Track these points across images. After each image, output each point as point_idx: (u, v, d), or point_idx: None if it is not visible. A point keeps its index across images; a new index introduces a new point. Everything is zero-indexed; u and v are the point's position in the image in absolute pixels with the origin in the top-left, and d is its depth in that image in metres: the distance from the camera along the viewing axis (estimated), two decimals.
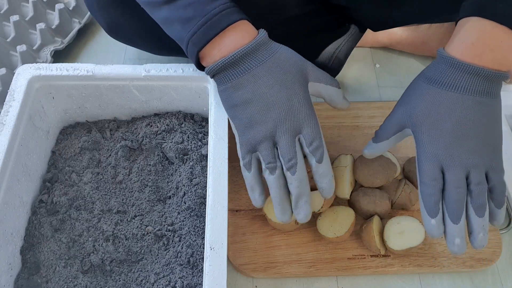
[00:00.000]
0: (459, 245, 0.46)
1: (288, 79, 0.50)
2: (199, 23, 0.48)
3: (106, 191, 0.61)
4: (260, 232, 0.62)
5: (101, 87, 0.62)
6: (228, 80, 0.50)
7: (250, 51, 0.48)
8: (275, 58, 0.49)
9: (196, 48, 0.49)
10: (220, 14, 0.47)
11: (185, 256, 0.56)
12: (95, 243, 0.57)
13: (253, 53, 0.49)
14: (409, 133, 0.51)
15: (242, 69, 0.49)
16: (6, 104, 0.56)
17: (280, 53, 0.50)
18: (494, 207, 0.47)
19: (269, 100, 0.49)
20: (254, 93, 0.49)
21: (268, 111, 0.49)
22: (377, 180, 0.62)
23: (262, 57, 0.49)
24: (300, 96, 0.50)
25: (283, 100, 0.49)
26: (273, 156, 0.49)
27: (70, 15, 0.87)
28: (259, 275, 0.59)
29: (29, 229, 0.58)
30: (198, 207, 0.60)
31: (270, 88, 0.49)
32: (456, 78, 0.47)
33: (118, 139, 0.65)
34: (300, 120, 0.49)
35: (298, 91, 0.50)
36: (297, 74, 0.50)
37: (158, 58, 0.81)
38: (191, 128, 0.66)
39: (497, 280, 0.61)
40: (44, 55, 0.82)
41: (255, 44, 0.49)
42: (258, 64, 0.49)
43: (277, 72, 0.49)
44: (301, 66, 0.51)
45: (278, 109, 0.49)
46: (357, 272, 0.60)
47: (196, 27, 0.48)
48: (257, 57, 0.49)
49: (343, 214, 0.60)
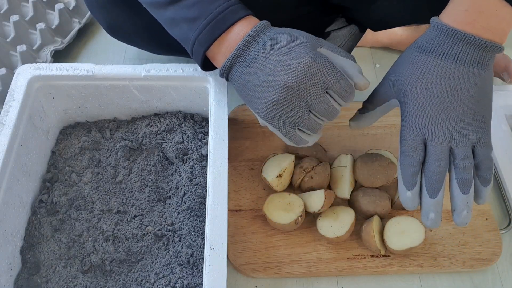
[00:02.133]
0: (433, 219, 0.45)
1: (295, 45, 0.46)
2: (204, 22, 0.47)
3: (106, 191, 0.61)
4: (260, 232, 0.62)
5: (101, 87, 0.62)
6: (240, 74, 0.48)
7: (253, 37, 0.46)
8: (278, 34, 0.47)
9: (202, 48, 0.48)
10: (225, 12, 0.47)
11: (185, 256, 0.56)
12: (95, 243, 0.57)
13: (256, 38, 0.46)
14: (395, 104, 0.49)
15: (250, 58, 0.47)
16: (6, 104, 0.56)
17: (283, 30, 0.48)
18: (479, 184, 0.46)
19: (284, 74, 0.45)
20: (271, 74, 0.45)
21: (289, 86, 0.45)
22: (377, 180, 0.62)
23: (265, 39, 0.46)
24: (317, 56, 0.45)
25: (302, 66, 0.45)
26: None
27: (70, 15, 0.87)
28: (259, 275, 0.59)
29: (29, 229, 0.58)
30: (198, 207, 0.60)
31: (278, 62, 0.45)
32: (446, 45, 0.45)
33: (118, 139, 0.65)
34: (327, 75, 0.45)
35: (312, 52, 0.46)
36: (304, 40, 0.46)
37: (158, 58, 0.81)
38: (191, 128, 0.66)
39: (497, 280, 0.61)
40: (44, 55, 0.82)
41: (256, 30, 0.47)
42: (263, 46, 0.46)
43: (283, 45, 0.46)
44: (309, 36, 0.48)
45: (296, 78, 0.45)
46: (357, 272, 0.59)
47: (202, 27, 0.47)
48: (260, 40, 0.46)
49: (343, 214, 0.60)
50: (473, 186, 0.45)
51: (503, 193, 0.68)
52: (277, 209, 0.60)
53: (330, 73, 0.45)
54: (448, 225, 0.63)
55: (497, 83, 0.82)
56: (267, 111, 0.46)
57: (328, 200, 0.59)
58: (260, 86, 0.46)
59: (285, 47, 0.45)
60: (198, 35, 0.48)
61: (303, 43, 0.46)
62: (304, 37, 0.47)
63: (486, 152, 0.46)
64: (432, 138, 0.45)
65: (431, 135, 0.45)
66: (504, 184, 0.68)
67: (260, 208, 0.63)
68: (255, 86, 0.46)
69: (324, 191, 0.60)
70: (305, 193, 0.62)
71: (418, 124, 0.45)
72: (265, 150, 0.69)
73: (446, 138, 0.45)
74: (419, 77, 0.46)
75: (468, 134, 0.45)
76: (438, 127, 0.45)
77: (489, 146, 0.46)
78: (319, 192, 0.60)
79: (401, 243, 0.58)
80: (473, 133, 0.45)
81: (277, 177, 0.62)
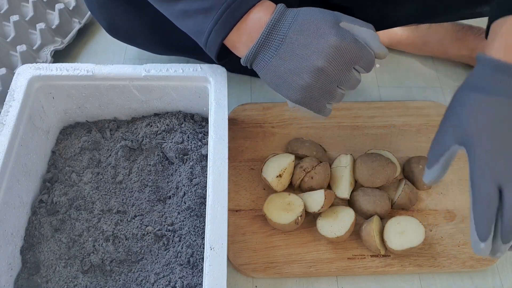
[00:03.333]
0: (498, 257, 0.44)
1: (320, 27, 0.45)
2: (219, 11, 0.46)
3: (106, 191, 0.61)
4: (260, 232, 0.62)
5: (101, 87, 0.62)
6: (267, 61, 0.47)
7: (275, 23, 0.46)
8: (300, 18, 0.46)
9: (220, 37, 0.47)
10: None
11: (185, 256, 0.56)
12: (95, 243, 0.57)
13: (278, 24, 0.46)
14: (457, 150, 0.46)
15: (275, 45, 0.46)
16: (6, 104, 0.56)
17: (303, 12, 0.47)
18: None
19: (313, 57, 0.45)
20: (301, 60, 0.46)
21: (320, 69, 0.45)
22: (377, 180, 0.62)
23: (288, 24, 0.46)
24: (343, 34, 0.45)
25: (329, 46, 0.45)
26: None
27: (70, 15, 0.87)
28: (259, 275, 0.59)
29: (29, 229, 0.58)
30: (198, 207, 0.60)
31: (307, 47, 0.45)
32: (505, 82, 0.43)
33: (118, 139, 0.65)
34: (354, 53, 0.46)
35: (338, 31, 0.45)
36: (326, 19, 0.46)
37: (158, 58, 0.81)
38: (191, 128, 0.66)
39: (497, 280, 0.61)
40: (44, 55, 0.82)
41: (277, 15, 0.46)
42: (287, 32, 0.46)
43: (308, 28, 0.45)
44: (327, 13, 0.47)
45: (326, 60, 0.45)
46: (357, 272, 0.59)
47: (217, 16, 0.46)
48: (283, 26, 0.46)
49: (343, 214, 0.60)
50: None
51: None
52: (277, 209, 0.60)
53: (357, 50, 0.45)
54: (448, 225, 0.63)
55: None
56: (301, 95, 0.47)
57: (328, 200, 0.59)
58: (291, 73, 0.46)
59: (311, 31, 0.45)
60: (215, 25, 0.47)
61: (326, 23, 0.45)
62: (325, 15, 0.46)
63: None
64: (509, 184, 0.42)
65: (508, 181, 0.42)
66: None
67: (260, 208, 0.63)
68: (286, 73, 0.46)
69: (324, 191, 0.60)
70: (305, 193, 0.62)
71: (492, 170, 0.42)
72: (265, 150, 0.69)
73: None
74: (482, 119, 0.43)
75: None
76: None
77: None
78: (319, 192, 0.60)
79: (401, 243, 0.58)
80: None
81: (277, 177, 0.62)
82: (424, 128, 0.73)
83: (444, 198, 0.66)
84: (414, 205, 0.64)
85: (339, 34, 0.45)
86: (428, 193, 0.66)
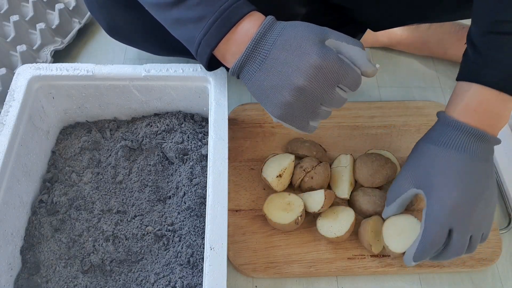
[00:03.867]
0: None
1: (303, 45, 0.45)
2: (210, 21, 0.46)
3: (106, 191, 0.61)
4: (260, 232, 0.62)
5: (101, 87, 0.62)
6: (251, 75, 0.47)
7: (261, 37, 0.46)
8: (285, 32, 0.46)
9: (209, 48, 0.48)
10: (230, 9, 0.46)
11: (185, 256, 0.56)
12: (95, 243, 0.57)
13: (264, 37, 0.46)
14: (414, 193, 0.54)
15: (260, 59, 0.46)
16: (6, 104, 0.56)
17: (289, 26, 0.47)
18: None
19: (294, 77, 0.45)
20: (282, 77, 0.46)
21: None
22: (377, 180, 0.62)
23: (273, 38, 0.46)
24: (326, 53, 0.45)
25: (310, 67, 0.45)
26: None
27: (70, 15, 0.87)
28: (259, 275, 0.59)
29: (29, 229, 0.58)
30: (198, 207, 0.60)
31: (289, 65, 0.45)
32: (464, 141, 0.49)
33: (118, 139, 0.65)
34: (337, 72, 0.45)
35: (321, 50, 0.45)
36: (310, 36, 0.46)
37: (158, 58, 0.81)
38: (191, 128, 0.66)
39: (497, 280, 0.61)
40: (44, 55, 0.82)
41: (263, 28, 0.46)
42: (271, 46, 0.46)
43: (292, 44, 0.45)
44: (313, 29, 0.46)
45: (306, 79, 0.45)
46: (357, 272, 0.59)
47: (208, 26, 0.47)
48: (268, 40, 0.46)
49: (343, 214, 0.60)
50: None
51: (503, 193, 0.68)
52: (277, 209, 0.60)
53: (340, 68, 0.45)
54: None
55: None
56: (281, 112, 0.47)
57: (328, 200, 0.59)
58: (272, 89, 0.46)
59: (294, 47, 0.45)
60: (204, 35, 0.47)
61: (309, 41, 0.45)
62: (311, 32, 0.46)
63: (482, 241, 0.53)
64: (458, 230, 0.49)
65: (459, 228, 0.49)
66: (504, 184, 0.68)
67: (260, 208, 0.63)
68: (268, 89, 0.47)
69: (324, 191, 0.60)
70: (305, 193, 0.62)
71: (445, 217, 0.49)
72: (265, 150, 0.69)
73: (471, 231, 0.50)
74: (436, 170, 0.50)
75: (488, 225, 0.52)
76: (465, 221, 0.49)
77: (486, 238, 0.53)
78: (319, 192, 0.60)
79: (403, 244, 0.57)
80: (489, 224, 0.52)
81: (277, 177, 0.62)
82: (424, 128, 0.73)
83: None
84: (414, 205, 0.64)
85: (322, 52, 0.44)
86: None
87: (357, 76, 0.46)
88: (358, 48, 0.47)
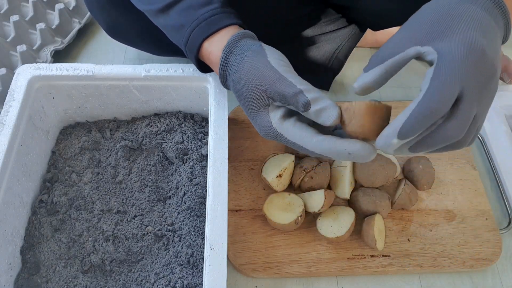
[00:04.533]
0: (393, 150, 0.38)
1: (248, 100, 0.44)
2: (189, 29, 0.47)
3: (106, 191, 0.61)
4: (260, 232, 0.62)
5: (101, 87, 0.62)
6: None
7: (225, 58, 0.46)
8: (239, 71, 0.44)
9: (192, 54, 0.49)
10: (210, 19, 0.47)
11: (185, 256, 0.56)
12: (95, 243, 0.57)
13: (226, 60, 0.46)
14: (414, 54, 0.38)
15: (230, 84, 0.47)
16: (6, 104, 0.56)
17: (244, 65, 0.44)
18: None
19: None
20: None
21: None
22: (377, 180, 0.62)
23: (234, 67, 0.45)
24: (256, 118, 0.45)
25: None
26: None
27: (70, 15, 0.87)
28: (259, 275, 0.59)
29: (29, 229, 0.58)
30: (198, 207, 0.60)
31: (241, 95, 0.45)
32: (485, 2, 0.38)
33: (118, 139, 0.65)
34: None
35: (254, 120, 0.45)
36: (252, 101, 0.44)
37: (158, 58, 0.81)
38: (191, 128, 0.66)
39: (497, 280, 0.61)
40: (44, 55, 0.82)
41: (226, 51, 0.45)
42: (232, 73, 0.45)
43: (239, 89, 0.45)
44: (258, 91, 0.43)
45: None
46: (357, 272, 0.60)
47: (187, 34, 0.47)
48: (231, 65, 0.45)
49: (343, 214, 0.60)
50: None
51: (503, 193, 0.68)
52: (277, 209, 0.60)
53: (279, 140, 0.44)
54: (448, 225, 0.63)
55: None
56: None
57: (328, 200, 0.59)
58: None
59: (243, 102, 0.45)
60: (186, 43, 0.48)
61: (249, 105, 0.44)
62: (254, 92, 0.43)
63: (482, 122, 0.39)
64: (469, 95, 0.35)
65: (471, 92, 0.35)
66: (504, 184, 0.68)
67: (260, 208, 0.63)
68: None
69: (324, 191, 0.60)
70: (305, 193, 0.62)
71: (460, 70, 0.35)
72: (265, 150, 0.69)
73: (480, 105, 0.37)
74: (451, 19, 0.37)
75: (485, 114, 0.38)
76: (479, 86, 0.36)
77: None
78: (319, 192, 0.60)
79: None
80: (485, 113, 0.39)
81: (277, 177, 0.62)
82: None
83: (444, 198, 0.66)
84: (414, 205, 0.64)
85: (258, 126, 0.45)
86: (428, 193, 0.66)
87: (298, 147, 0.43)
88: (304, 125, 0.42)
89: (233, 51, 0.45)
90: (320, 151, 0.41)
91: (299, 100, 0.40)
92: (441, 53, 0.36)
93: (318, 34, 0.73)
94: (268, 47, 0.45)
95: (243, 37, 0.46)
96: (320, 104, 0.40)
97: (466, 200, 0.65)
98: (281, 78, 0.41)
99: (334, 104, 0.40)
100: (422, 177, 0.64)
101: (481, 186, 0.67)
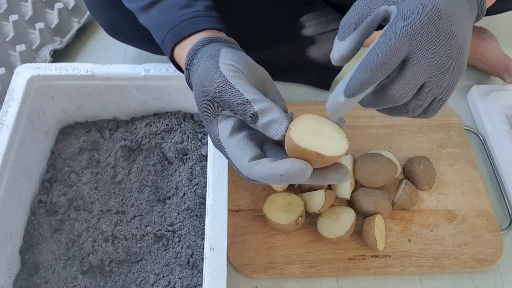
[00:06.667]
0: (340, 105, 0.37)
1: (199, 107, 0.41)
2: (164, 31, 0.46)
3: (106, 191, 0.61)
4: (260, 233, 0.62)
5: (100, 87, 0.62)
6: None
7: (188, 64, 0.43)
8: (195, 77, 0.41)
9: (168, 56, 0.48)
10: (185, 22, 0.45)
11: (184, 257, 0.56)
12: (94, 244, 0.56)
13: (189, 66, 0.43)
14: (384, 13, 0.37)
15: (190, 83, 0.44)
16: (5, 104, 0.56)
17: (198, 70, 0.41)
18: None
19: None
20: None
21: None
22: (377, 180, 0.62)
23: (193, 73, 0.42)
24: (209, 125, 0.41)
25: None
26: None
27: (69, 14, 0.87)
28: (259, 276, 0.59)
29: (28, 229, 0.57)
30: (198, 207, 0.59)
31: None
32: None
33: (117, 139, 0.65)
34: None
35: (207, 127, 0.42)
36: (204, 109, 0.41)
37: (158, 58, 0.80)
38: (191, 128, 0.66)
39: (498, 281, 0.61)
40: (43, 55, 0.82)
41: (189, 56, 0.43)
42: (192, 79, 0.42)
43: (194, 96, 0.42)
44: (209, 98, 0.40)
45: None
46: (357, 272, 0.59)
47: (163, 36, 0.47)
48: (192, 72, 0.43)
49: (344, 214, 0.60)
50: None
51: (504, 194, 0.68)
52: (277, 209, 0.60)
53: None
54: (449, 226, 0.63)
55: (498, 83, 0.82)
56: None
57: (328, 200, 0.59)
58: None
59: (197, 106, 0.42)
60: (162, 43, 0.48)
61: (201, 113, 0.41)
62: (203, 99, 0.40)
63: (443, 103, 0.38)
64: (417, 59, 0.34)
65: (418, 56, 0.34)
66: (505, 185, 0.68)
67: (260, 208, 0.63)
68: None
69: (324, 191, 0.60)
70: (305, 193, 0.62)
71: (407, 31, 0.34)
72: None
73: (430, 70, 0.35)
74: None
75: (449, 88, 0.37)
76: (430, 52, 0.34)
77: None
78: (319, 192, 0.60)
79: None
80: (450, 89, 0.37)
81: None
82: (425, 127, 0.72)
83: (445, 198, 0.65)
84: (415, 205, 0.64)
85: (210, 133, 0.41)
86: (429, 193, 0.66)
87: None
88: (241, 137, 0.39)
89: (195, 57, 0.43)
90: (253, 177, 0.36)
91: (246, 111, 0.37)
92: (398, 12, 0.35)
93: (318, 34, 0.73)
94: (228, 51, 0.41)
95: (210, 42, 0.43)
96: (269, 116, 0.36)
97: (467, 200, 0.65)
98: (227, 84, 0.38)
99: (284, 117, 0.36)
100: (422, 177, 0.64)
101: (482, 187, 0.67)
